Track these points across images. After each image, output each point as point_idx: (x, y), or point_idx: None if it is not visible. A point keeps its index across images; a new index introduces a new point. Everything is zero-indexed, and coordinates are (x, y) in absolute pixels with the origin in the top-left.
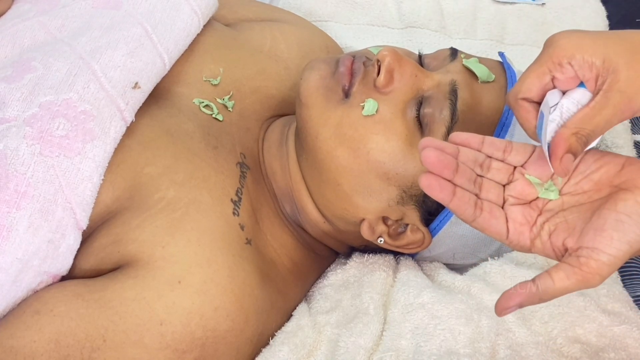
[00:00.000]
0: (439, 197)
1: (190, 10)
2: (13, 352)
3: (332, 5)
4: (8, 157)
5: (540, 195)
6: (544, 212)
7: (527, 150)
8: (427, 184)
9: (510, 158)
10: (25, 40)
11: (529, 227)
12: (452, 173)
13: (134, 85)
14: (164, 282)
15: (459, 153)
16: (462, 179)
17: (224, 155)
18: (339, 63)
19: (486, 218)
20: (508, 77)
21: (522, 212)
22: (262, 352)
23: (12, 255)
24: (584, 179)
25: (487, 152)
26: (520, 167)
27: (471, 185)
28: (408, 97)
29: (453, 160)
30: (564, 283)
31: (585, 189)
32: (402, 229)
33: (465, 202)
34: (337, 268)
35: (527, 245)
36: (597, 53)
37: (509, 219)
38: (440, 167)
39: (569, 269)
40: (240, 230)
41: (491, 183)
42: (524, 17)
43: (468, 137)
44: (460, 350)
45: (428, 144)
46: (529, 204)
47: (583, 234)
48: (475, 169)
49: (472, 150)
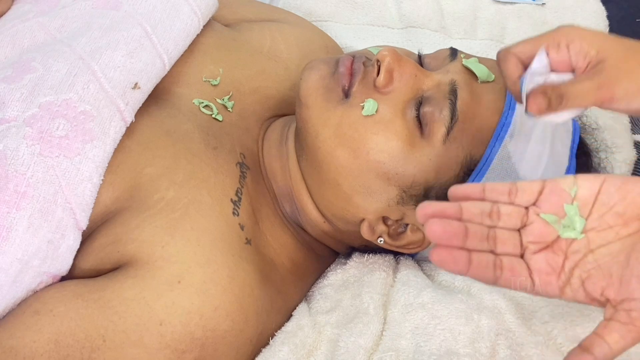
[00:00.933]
0: (455, 270)
1: (190, 11)
2: (13, 352)
3: (332, 5)
4: (8, 158)
5: (562, 234)
6: (569, 255)
7: (534, 188)
8: (439, 259)
9: (519, 199)
10: (25, 41)
11: (556, 276)
12: (462, 240)
13: (133, 86)
14: (163, 282)
15: (463, 211)
16: (474, 241)
17: (224, 156)
18: (339, 63)
19: (508, 277)
20: None
21: (546, 260)
22: (262, 352)
23: (11, 256)
24: (607, 211)
25: (491, 199)
26: (533, 205)
27: (485, 243)
28: (408, 97)
29: (460, 225)
30: (620, 345)
31: (611, 224)
32: (402, 229)
33: (484, 267)
34: (337, 268)
35: (556, 294)
36: (594, 44)
37: (532, 270)
38: (448, 237)
39: (623, 328)
40: (240, 230)
41: (505, 232)
42: (524, 17)
43: (466, 189)
44: (460, 350)
45: (427, 211)
46: (551, 247)
47: (624, 283)
48: (484, 221)
49: (476, 203)
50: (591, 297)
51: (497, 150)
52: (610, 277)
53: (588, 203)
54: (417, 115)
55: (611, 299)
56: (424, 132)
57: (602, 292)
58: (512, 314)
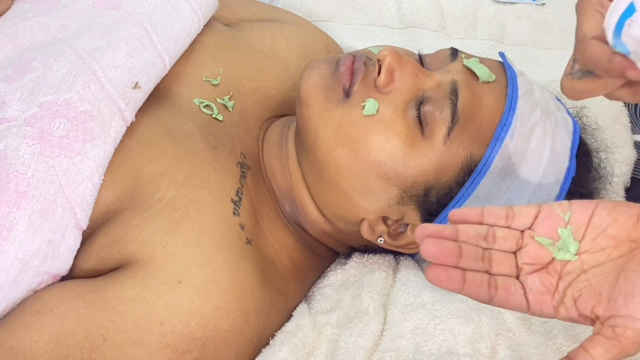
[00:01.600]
0: (449, 288)
1: (190, 11)
2: (13, 352)
3: (332, 5)
4: (8, 157)
5: (556, 256)
6: (563, 275)
7: (531, 212)
8: (433, 277)
9: (515, 223)
10: (25, 41)
11: (550, 296)
12: (456, 259)
13: (134, 86)
14: (164, 282)
15: (459, 233)
16: (468, 260)
17: (224, 155)
18: (340, 63)
19: (503, 296)
20: (508, 77)
21: (541, 280)
22: (262, 352)
23: (12, 255)
24: (600, 234)
25: (488, 223)
26: (528, 229)
27: (479, 263)
28: (409, 97)
29: (454, 245)
30: (603, 358)
31: (603, 246)
32: (402, 229)
33: (478, 285)
34: (337, 268)
35: (550, 313)
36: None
37: (527, 290)
38: (442, 256)
39: (607, 343)
40: (241, 230)
41: (500, 254)
42: (524, 17)
43: (466, 213)
44: (460, 350)
45: (425, 232)
46: (546, 268)
47: (612, 300)
48: (479, 243)
49: (473, 225)
50: (583, 315)
51: (498, 150)
52: (600, 295)
53: (581, 226)
54: (417, 115)
55: (600, 316)
56: (425, 132)
57: (592, 310)
58: (512, 314)
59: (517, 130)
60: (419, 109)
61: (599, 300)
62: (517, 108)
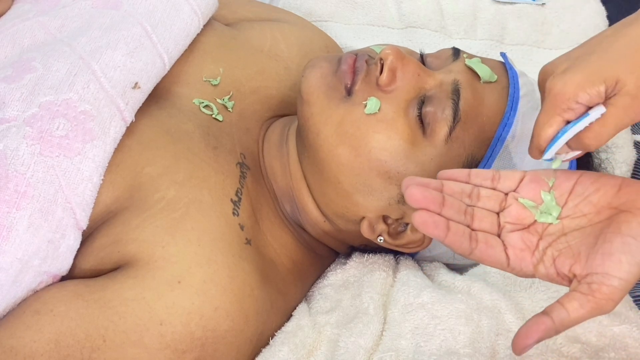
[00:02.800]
0: (434, 234)
1: (190, 10)
2: (13, 352)
3: (332, 5)
4: (8, 157)
5: (538, 219)
6: (544, 236)
7: (516, 176)
8: (421, 221)
9: (500, 185)
10: (25, 41)
11: (530, 253)
12: (438, 206)
13: (133, 86)
14: (164, 282)
15: (444, 186)
16: (451, 211)
17: (224, 156)
18: (342, 61)
19: (483, 249)
20: (510, 78)
21: (522, 238)
22: (262, 352)
23: (12, 255)
24: (582, 201)
25: (475, 183)
26: (513, 192)
27: (462, 216)
28: (410, 96)
29: (438, 194)
30: (578, 313)
31: (584, 212)
32: (402, 228)
33: (460, 235)
34: (337, 268)
35: (530, 271)
36: (596, 81)
37: (508, 246)
38: (425, 202)
39: (582, 298)
40: (240, 230)
41: (483, 212)
42: (524, 17)
43: (453, 172)
44: (460, 350)
45: (410, 182)
46: (527, 228)
47: (590, 259)
48: (463, 199)
49: (458, 183)
50: (561, 274)
51: (499, 150)
52: (578, 255)
53: (565, 193)
54: (419, 115)
55: (577, 274)
56: (426, 131)
57: (570, 269)
58: (512, 314)
59: (518, 131)
60: (420, 108)
61: (577, 260)
62: (518, 108)
